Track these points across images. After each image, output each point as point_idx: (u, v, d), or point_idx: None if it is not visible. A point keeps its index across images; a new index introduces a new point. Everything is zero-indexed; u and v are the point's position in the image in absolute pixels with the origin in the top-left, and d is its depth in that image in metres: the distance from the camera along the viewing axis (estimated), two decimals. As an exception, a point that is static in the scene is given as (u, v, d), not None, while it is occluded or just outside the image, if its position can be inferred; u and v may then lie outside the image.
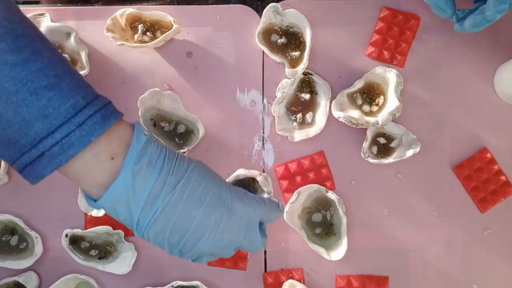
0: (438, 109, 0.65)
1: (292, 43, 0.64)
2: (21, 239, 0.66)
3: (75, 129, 0.39)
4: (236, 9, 0.66)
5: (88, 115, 0.39)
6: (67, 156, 0.39)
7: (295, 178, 0.65)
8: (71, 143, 0.38)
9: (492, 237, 0.65)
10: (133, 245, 0.65)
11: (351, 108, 0.63)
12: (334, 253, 0.63)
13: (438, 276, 0.65)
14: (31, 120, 0.38)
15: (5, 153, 0.40)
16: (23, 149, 0.39)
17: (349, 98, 0.64)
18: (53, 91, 0.38)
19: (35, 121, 0.38)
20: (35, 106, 0.38)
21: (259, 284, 0.65)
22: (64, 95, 0.39)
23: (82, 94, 0.40)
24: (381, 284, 0.65)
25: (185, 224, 0.43)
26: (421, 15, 0.65)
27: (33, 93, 0.38)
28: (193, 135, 0.65)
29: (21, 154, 0.39)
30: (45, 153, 0.38)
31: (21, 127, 0.38)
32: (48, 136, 0.38)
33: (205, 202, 0.44)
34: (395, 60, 0.65)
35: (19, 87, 0.37)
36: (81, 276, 0.64)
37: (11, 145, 0.39)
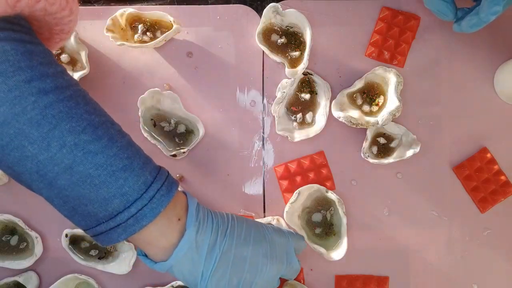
0: (438, 109, 0.65)
1: (292, 43, 0.64)
2: (21, 239, 0.66)
3: (147, 203, 0.44)
4: (236, 9, 0.66)
5: (157, 190, 0.45)
6: (140, 226, 0.44)
7: (295, 178, 0.65)
8: (144, 215, 0.44)
9: (492, 237, 0.65)
10: (133, 245, 0.65)
11: (351, 108, 0.63)
12: (334, 253, 0.63)
13: (438, 276, 0.65)
14: (110, 198, 0.43)
15: (82, 223, 0.45)
16: (100, 220, 0.44)
17: (349, 98, 0.64)
18: (128, 172, 0.44)
19: (114, 199, 0.43)
20: (114, 186, 0.43)
21: (259, 284, 0.65)
22: (136, 174, 0.44)
23: (149, 171, 0.46)
24: (381, 284, 0.65)
25: (240, 264, 0.49)
26: (421, 15, 0.65)
27: (112, 175, 0.43)
28: (193, 135, 0.65)
29: (97, 224, 0.44)
30: (120, 224, 0.44)
31: (101, 204, 0.43)
32: (124, 211, 0.44)
33: (251, 241, 0.51)
34: (395, 60, 0.65)
35: (101, 171, 0.43)
36: (81, 276, 0.64)
37: (90, 217, 0.44)
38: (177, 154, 0.64)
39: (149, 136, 0.63)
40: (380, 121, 0.60)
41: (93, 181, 0.43)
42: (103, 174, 0.43)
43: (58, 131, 0.41)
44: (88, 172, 0.42)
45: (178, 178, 0.65)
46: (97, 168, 0.42)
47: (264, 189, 0.66)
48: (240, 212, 0.65)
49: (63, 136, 0.41)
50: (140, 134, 0.64)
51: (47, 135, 0.41)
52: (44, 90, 0.41)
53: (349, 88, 0.64)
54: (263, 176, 0.66)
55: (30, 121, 0.41)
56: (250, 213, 0.65)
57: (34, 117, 0.41)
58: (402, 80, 0.62)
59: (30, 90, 0.41)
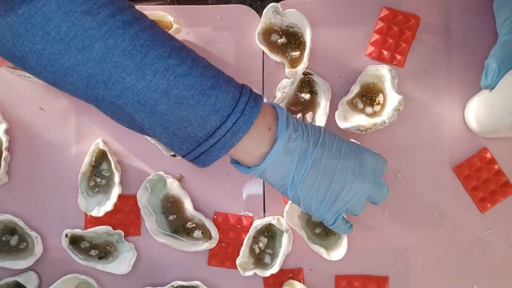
0: (438, 109, 0.65)
1: (292, 43, 0.64)
2: (21, 239, 0.66)
3: (240, 115, 0.46)
4: (236, 9, 0.66)
5: (246, 102, 0.47)
6: (238, 138, 0.46)
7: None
8: (239, 128, 0.46)
9: (492, 237, 0.65)
10: (133, 245, 0.65)
11: (354, 114, 0.63)
12: (334, 253, 0.63)
13: (438, 276, 0.65)
14: (206, 116, 0.45)
15: (182, 147, 0.48)
16: (200, 140, 0.46)
17: (350, 105, 0.64)
18: (216, 89, 0.46)
19: (210, 116, 0.45)
20: (208, 104, 0.45)
21: (259, 284, 0.65)
22: (225, 90, 0.46)
23: (234, 86, 0.47)
24: (381, 284, 0.65)
25: (329, 175, 0.50)
26: (421, 15, 0.65)
27: (204, 94, 0.45)
28: (193, 135, 0.65)
29: (197, 145, 0.47)
30: (220, 140, 0.46)
31: (199, 123, 0.45)
32: (221, 126, 0.46)
33: (342, 154, 0.51)
34: (395, 60, 0.65)
35: (193, 92, 0.45)
36: (81, 276, 0.64)
37: (190, 139, 0.47)
38: (177, 154, 0.64)
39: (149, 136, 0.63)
40: (387, 120, 0.60)
41: (188, 102, 0.45)
42: (196, 94, 0.45)
43: (149, 58, 0.44)
44: (182, 94, 0.45)
45: (178, 178, 0.65)
46: (190, 89, 0.45)
47: (264, 189, 0.66)
48: (240, 212, 0.66)
49: (154, 63, 0.44)
50: (140, 134, 0.64)
51: (140, 64, 0.44)
52: (128, 22, 0.44)
53: (347, 96, 0.64)
54: (263, 176, 0.66)
55: (124, 52, 0.43)
56: (250, 213, 0.65)
57: (126, 48, 0.43)
58: (395, 73, 0.62)
59: (116, 23, 0.44)
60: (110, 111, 0.47)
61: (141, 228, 0.66)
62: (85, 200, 0.64)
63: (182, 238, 0.65)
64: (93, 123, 0.66)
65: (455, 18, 0.65)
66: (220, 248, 0.65)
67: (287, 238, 0.63)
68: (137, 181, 0.65)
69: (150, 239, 0.65)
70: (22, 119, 0.66)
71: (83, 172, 0.64)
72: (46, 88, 0.66)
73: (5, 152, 0.64)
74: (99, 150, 0.65)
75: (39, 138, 0.66)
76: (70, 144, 0.66)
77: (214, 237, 0.64)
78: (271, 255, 0.64)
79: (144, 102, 0.45)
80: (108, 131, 0.66)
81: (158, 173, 0.65)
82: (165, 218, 0.65)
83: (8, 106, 0.66)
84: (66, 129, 0.66)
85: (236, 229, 0.65)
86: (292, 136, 0.49)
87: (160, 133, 0.47)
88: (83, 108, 0.66)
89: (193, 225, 0.65)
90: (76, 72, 0.44)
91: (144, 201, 0.64)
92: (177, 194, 0.65)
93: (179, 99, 0.45)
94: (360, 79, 0.64)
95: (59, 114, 0.66)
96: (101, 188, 0.65)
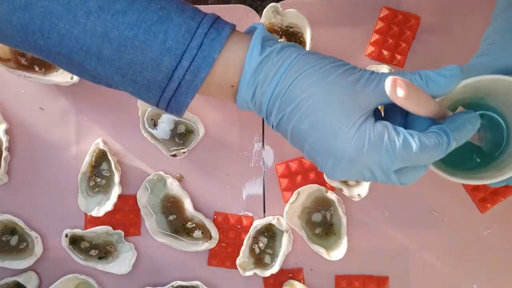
0: (438, 109, 0.65)
1: (292, 43, 0.64)
2: (21, 239, 0.66)
3: (197, 52, 0.40)
4: (236, 9, 0.66)
5: (204, 34, 0.40)
6: (201, 80, 0.40)
7: (296, 177, 0.65)
8: (198, 67, 0.40)
9: (492, 237, 0.65)
10: (133, 245, 0.65)
11: None
12: (334, 253, 0.63)
13: (438, 276, 0.65)
14: (158, 57, 0.40)
15: (149, 95, 0.42)
16: (162, 85, 0.41)
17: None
18: (165, 24, 0.40)
19: (162, 57, 0.40)
20: (156, 43, 0.40)
21: (259, 284, 0.65)
22: (177, 23, 0.40)
23: (191, 17, 0.41)
24: (381, 284, 0.65)
25: None
26: (421, 15, 0.65)
27: (149, 31, 0.40)
28: (193, 135, 0.65)
29: (162, 91, 0.41)
30: (181, 82, 0.41)
31: (153, 67, 0.40)
32: (177, 67, 0.40)
33: None
34: (395, 60, 0.65)
35: (136, 31, 0.39)
36: (81, 276, 0.64)
37: (152, 86, 0.41)
38: (177, 154, 0.64)
39: (149, 136, 0.63)
40: None
41: (133, 43, 0.40)
42: (139, 33, 0.40)
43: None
44: (124, 35, 0.40)
45: (178, 178, 0.65)
46: (132, 28, 0.40)
47: (264, 189, 0.66)
48: (240, 212, 0.66)
49: (84, 2, 0.39)
50: (140, 134, 0.64)
51: (69, 6, 0.39)
52: None
53: None
54: (263, 176, 0.66)
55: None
56: (250, 213, 0.65)
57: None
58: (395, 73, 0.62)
59: None
60: (64, 64, 0.43)
61: (141, 228, 0.66)
62: (85, 200, 0.64)
63: (182, 238, 0.65)
64: (93, 123, 0.66)
65: (455, 18, 0.65)
66: (220, 248, 0.65)
67: (287, 238, 0.63)
68: (137, 181, 0.65)
69: (150, 239, 0.65)
70: (22, 119, 0.66)
71: (83, 172, 0.64)
72: (46, 88, 0.66)
73: (5, 152, 0.64)
74: (99, 150, 0.65)
75: (39, 138, 0.66)
76: (70, 144, 0.66)
77: (214, 237, 0.64)
78: (271, 255, 0.64)
79: (87, 49, 0.40)
80: (108, 131, 0.66)
81: (158, 173, 0.65)
82: (165, 218, 0.65)
83: (8, 106, 0.66)
84: (66, 129, 0.66)
85: (236, 229, 0.65)
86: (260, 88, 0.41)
87: (120, 82, 0.42)
88: (83, 108, 0.66)
89: (193, 225, 0.65)
90: (9, 23, 0.40)
91: (144, 201, 0.64)
92: (177, 194, 0.65)
93: (122, 41, 0.40)
94: (360, 79, 0.64)
95: (59, 114, 0.66)
96: (101, 188, 0.65)
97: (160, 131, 0.64)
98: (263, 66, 0.40)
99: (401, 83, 0.36)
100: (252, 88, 0.41)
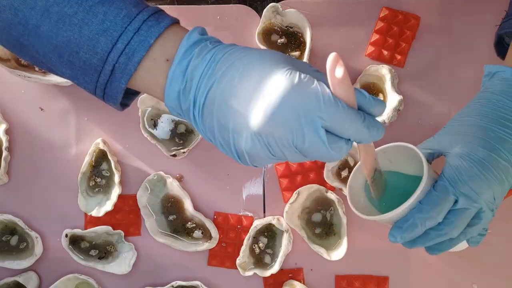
0: (438, 109, 0.65)
1: (292, 43, 0.64)
2: (21, 239, 0.66)
3: (133, 35, 0.40)
4: (236, 9, 0.66)
5: (143, 20, 0.41)
6: (134, 64, 0.41)
7: (296, 177, 0.65)
8: (133, 50, 0.40)
9: (492, 237, 0.65)
10: (133, 245, 0.65)
11: None
12: (334, 253, 0.63)
13: (438, 276, 0.65)
14: (95, 37, 0.40)
15: (87, 79, 0.42)
16: (98, 68, 0.41)
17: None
18: (106, 5, 0.41)
19: (98, 37, 0.40)
20: (94, 23, 0.40)
21: (259, 284, 0.65)
22: (118, 7, 0.41)
23: (134, 4, 0.42)
24: (381, 284, 0.65)
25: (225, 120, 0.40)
26: (421, 15, 0.65)
27: (89, 11, 0.40)
28: (193, 135, 0.65)
29: (98, 75, 0.42)
30: (115, 66, 0.41)
31: (89, 47, 0.41)
32: (113, 49, 0.40)
33: None
34: (395, 60, 0.65)
35: (76, 8, 0.40)
36: (81, 276, 0.64)
37: (88, 69, 0.42)
38: (177, 154, 0.64)
39: (149, 136, 0.63)
40: (387, 120, 0.60)
41: (71, 20, 0.40)
42: (79, 11, 0.40)
43: None
44: (64, 11, 0.40)
45: (178, 178, 0.65)
46: (72, 6, 0.40)
47: (264, 189, 0.66)
48: (240, 212, 0.66)
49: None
50: (140, 134, 0.64)
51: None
52: None
53: None
54: (263, 176, 0.66)
55: None
56: (250, 213, 0.65)
57: None
58: (395, 73, 0.62)
59: None
60: (4, 40, 0.43)
61: (141, 228, 0.66)
62: (85, 200, 0.64)
63: (182, 238, 0.65)
64: (93, 123, 0.66)
65: (455, 18, 0.65)
66: (220, 248, 0.65)
67: (287, 238, 0.63)
68: (137, 181, 0.65)
69: (150, 239, 0.65)
70: (22, 119, 0.66)
71: (83, 172, 0.64)
72: (46, 88, 0.66)
73: (5, 152, 0.64)
74: (99, 150, 0.65)
75: (39, 138, 0.66)
76: (70, 144, 0.66)
77: (214, 237, 0.64)
78: (271, 255, 0.64)
79: (25, 23, 0.41)
80: (108, 131, 0.66)
81: (158, 173, 0.65)
82: (165, 218, 0.65)
83: (8, 106, 0.66)
84: (66, 129, 0.66)
85: (236, 229, 0.65)
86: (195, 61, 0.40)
87: (58, 63, 0.42)
88: (83, 108, 0.66)
89: (193, 225, 0.65)
90: None
91: (144, 201, 0.64)
92: (177, 194, 0.65)
93: (61, 17, 0.40)
94: (360, 79, 0.64)
95: (59, 114, 0.66)
96: (101, 188, 0.65)
97: (160, 131, 0.65)
98: (200, 43, 0.41)
99: (342, 64, 0.37)
100: (186, 60, 0.41)
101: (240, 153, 0.41)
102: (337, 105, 0.37)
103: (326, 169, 0.63)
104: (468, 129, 0.51)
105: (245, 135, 0.39)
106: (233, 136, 0.40)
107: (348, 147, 0.40)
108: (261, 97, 0.38)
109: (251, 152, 0.40)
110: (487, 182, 0.47)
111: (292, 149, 0.39)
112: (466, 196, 0.47)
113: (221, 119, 0.40)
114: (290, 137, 0.38)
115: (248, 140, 0.39)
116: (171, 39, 0.42)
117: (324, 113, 0.37)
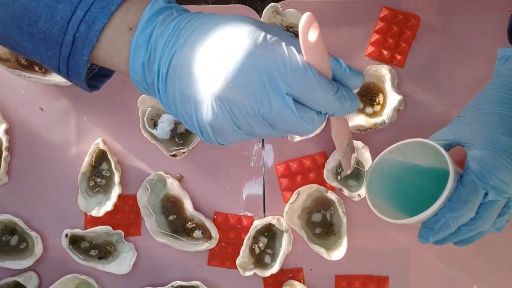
0: (438, 109, 0.65)
1: (292, 43, 0.64)
2: (21, 239, 0.66)
3: (93, 1, 0.38)
4: (236, 9, 0.66)
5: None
6: (96, 32, 0.38)
7: (296, 177, 0.65)
8: (94, 18, 0.38)
9: (492, 237, 0.65)
10: (133, 245, 0.65)
11: (354, 114, 0.63)
12: (334, 253, 0.63)
13: (438, 276, 0.65)
14: (53, 4, 0.38)
15: (49, 53, 0.40)
16: (59, 40, 0.39)
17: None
18: None
19: (57, 4, 0.38)
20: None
21: (259, 284, 0.65)
22: None
23: None
24: (381, 284, 0.65)
25: None
26: (421, 15, 0.65)
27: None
28: (193, 135, 0.65)
29: (59, 47, 0.39)
30: (76, 36, 0.38)
31: (47, 15, 0.38)
32: (72, 17, 0.38)
33: None
34: (395, 60, 0.65)
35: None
36: (81, 276, 0.64)
37: (48, 40, 0.39)
38: (177, 154, 0.64)
39: (149, 136, 0.63)
40: (387, 120, 0.60)
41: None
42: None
43: None
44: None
45: (178, 178, 0.65)
46: None
47: (264, 189, 0.66)
48: (240, 212, 0.66)
49: None
50: (140, 134, 0.64)
51: None
52: None
53: None
54: (263, 176, 0.66)
55: None
56: (250, 213, 0.65)
57: None
58: (395, 73, 0.62)
59: None
60: None
61: (141, 228, 0.66)
62: (85, 200, 0.64)
63: (182, 238, 0.65)
64: (93, 123, 0.66)
65: (455, 18, 0.65)
66: (220, 248, 0.65)
67: (287, 238, 0.63)
68: (137, 181, 0.65)
69: (150, 239, 0.65)
70: (22, 119, 0.66)
71: (83, 172, 0.64)
72: (46, 88, 0.66)
73: (5, 152, 0.64)
74: (99, 150, 0.65)
75: (39, 138, 0.66)
76: (70, 144, 0.66)
77: (214, 237, 0.64)
78: (271, 255, 0.64)
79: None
80: (108, 131, 0.66)
81: (158, 173, 0.65)
82: (165, 218, 0.65)
83: (8, 106, 0.66)
84: (66, 129, 0.66)
85: (236, 229, 0.65)
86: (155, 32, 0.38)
87: (18, 35, 0.40)
88: (83, 108, 0.66)
89: (193, 225, 0.65)
90: None
91: (144, 201, 0.65)
92: (177, 194, 0.65)
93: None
94: (360, 79, 0.63)
95: (59, 114, 0.66)
96: (101, 188, 0.65)
97: (160, 131, 0.64)
98: (165, 10, 0.39)
99: (317, 26, 0.34)
100: (150, 28, 0.38)
101: (203, 125, 0.38)
102: (306, 72, 0.35)
103: (326, 169, 0.63)
104: (486, 117, 0.49)
105: (206, 103, 0.36)
106: (194, 105, 0.37)
107: (321, 119, 0.37)
108: (222, 59, 0.35)
109: (214, 124, 0.37)
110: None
111: (258, 119, 0.36)
112: (496, 188, 0.46)
113: (182, 88, 0.37)
114: (255, 104, 0.35)
115: (209, 108, 0.36)
116: (134, 6, 0.39)
117: (290, 80, 0.34)
